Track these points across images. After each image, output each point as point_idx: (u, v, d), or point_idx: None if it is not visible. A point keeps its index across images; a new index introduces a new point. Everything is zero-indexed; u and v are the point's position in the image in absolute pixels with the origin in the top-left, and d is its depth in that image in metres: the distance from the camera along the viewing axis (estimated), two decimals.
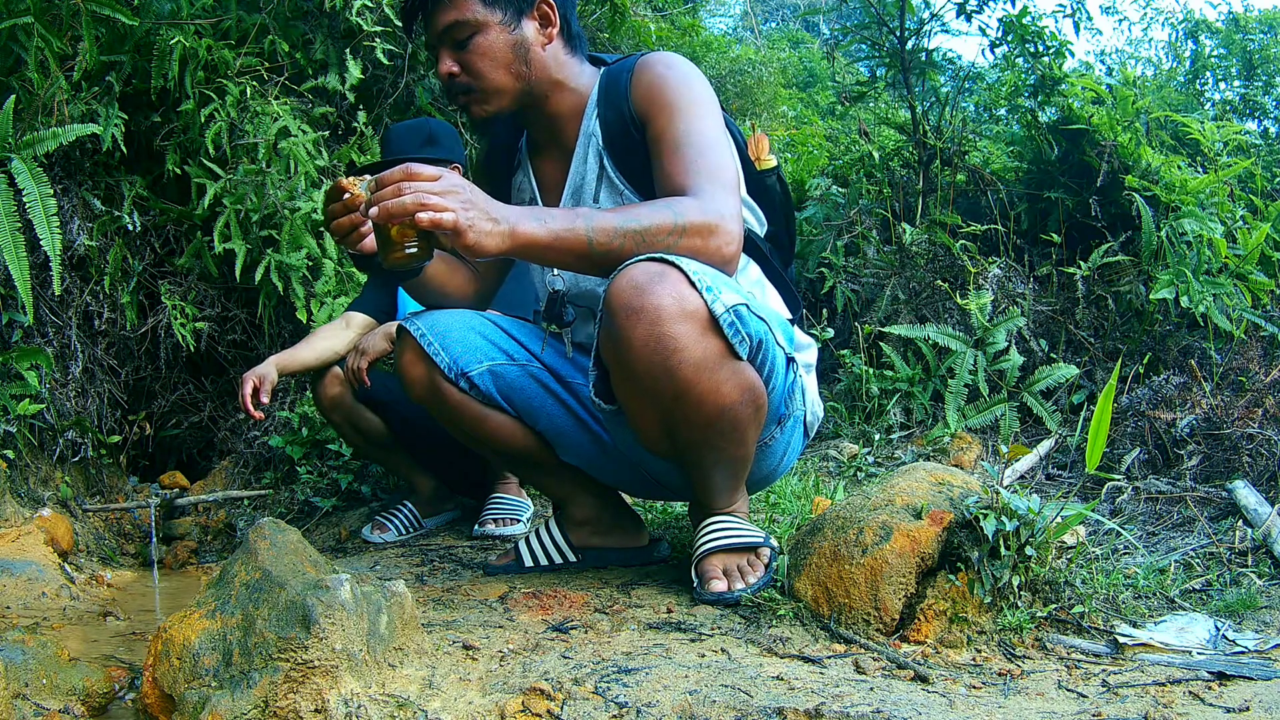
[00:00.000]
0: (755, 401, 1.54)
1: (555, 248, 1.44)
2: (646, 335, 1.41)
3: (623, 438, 1.74)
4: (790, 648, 1.41)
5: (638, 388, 1.49)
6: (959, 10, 4.10)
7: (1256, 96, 5.48)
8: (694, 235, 1.48)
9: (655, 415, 1.54)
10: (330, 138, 3.58)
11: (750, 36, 12.98)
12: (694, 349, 1.43)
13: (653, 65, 1.66)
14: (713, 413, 1.50)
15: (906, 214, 4.04)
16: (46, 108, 2.66)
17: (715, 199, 1.52)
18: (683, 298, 1.41)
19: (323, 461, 3.12)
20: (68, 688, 1.25)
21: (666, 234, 1.47)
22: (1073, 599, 1.54)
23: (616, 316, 1.43)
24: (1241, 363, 3.21)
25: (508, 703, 1.14)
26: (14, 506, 2.57)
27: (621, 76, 1.68)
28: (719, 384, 1.47)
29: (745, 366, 1.51)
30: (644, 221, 1.47)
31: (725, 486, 1.68)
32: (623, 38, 4.77)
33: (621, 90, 1.67)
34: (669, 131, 1.60)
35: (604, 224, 1.46)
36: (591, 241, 1.45)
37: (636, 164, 1.66)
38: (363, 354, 2.48)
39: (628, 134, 1.66)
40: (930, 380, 3.43)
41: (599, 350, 1.54)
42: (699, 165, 1.55)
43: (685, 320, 1.41)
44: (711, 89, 1.68)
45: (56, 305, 3.04)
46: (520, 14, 1.66)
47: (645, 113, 1.63)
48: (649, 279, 1.41)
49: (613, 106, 1.68)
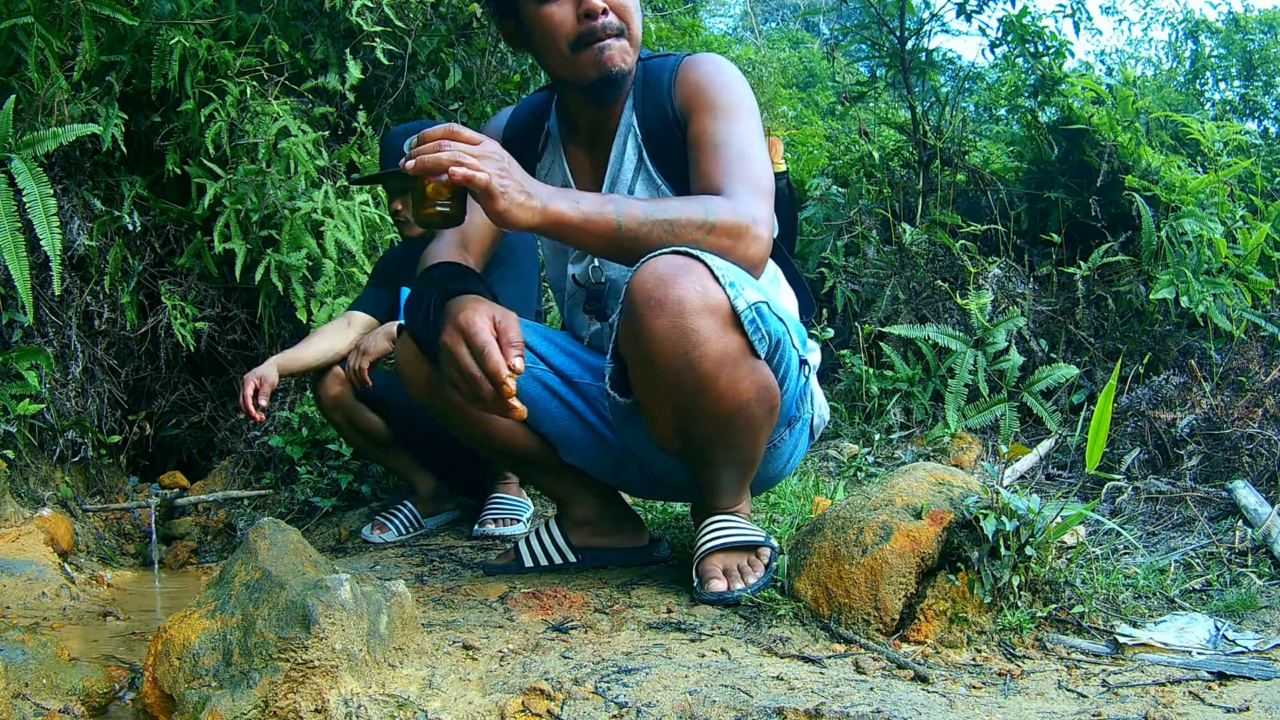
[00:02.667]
0: (770, 401, 1.54)
1: (584, 229, 1.44)
2: (669, 327, 1.40)
3: (631, 435, 1.73)
4: (790, 648, 1.41)
5: (657, 380, 1.48)
6: (959, 10, 4.11)
7: (1256, 96, 5.48)
8: (723, 235, 1.48)
9: (672, 410, 1.53)
10: (330, 138, 3.58)
11: (750, 36, 13.00)
12: (715, 343, 1.42)
13: (700, 64, 1.66)
14: (729, 409, 1.49)
15: (906, 214, 4.04)
16: (46, 108, 2.66)
17: (749, 202, 1.52)
18: (706, 292, 1.40)
19: (323, 461, 3.12)
20: (68, 688, 1.24)
21: (695, 229, 1.47)
22: (1073, 599, 1.54)
23: (639, 307, 1.42)
24: (1241, 363, 3.21)
25: (508, 703, 1.14)
26: (14, 506, 2.57)
27: (665, 73, 1.68)
28: (737, 381, 1.47)
29: (762, 365, 1.51)
30: (674, 214, 1.47)
31: (732, 486, 1.68)
32: None
33: (665, 87, 1.66)
34: (710, 131, 1.60)
35: (634, 211, 1.46)
36: (621, 226, 1.45)
37: (675, 160, 1.66)
38: (364, 354, 2.48)
39: (669, 130, 1.66)
40: (930, 380, 3.43)
41: (618, 342, 1.54)
42: (736, 168, 1.55)
43: (708, 314, 1.41)
44: (753, 96, 1.67)
45: (56, 305, 3.05)
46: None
47: (688, 111, 1.63)
48: (674, 271, 1.40)
49: (654, 102, 1.67)
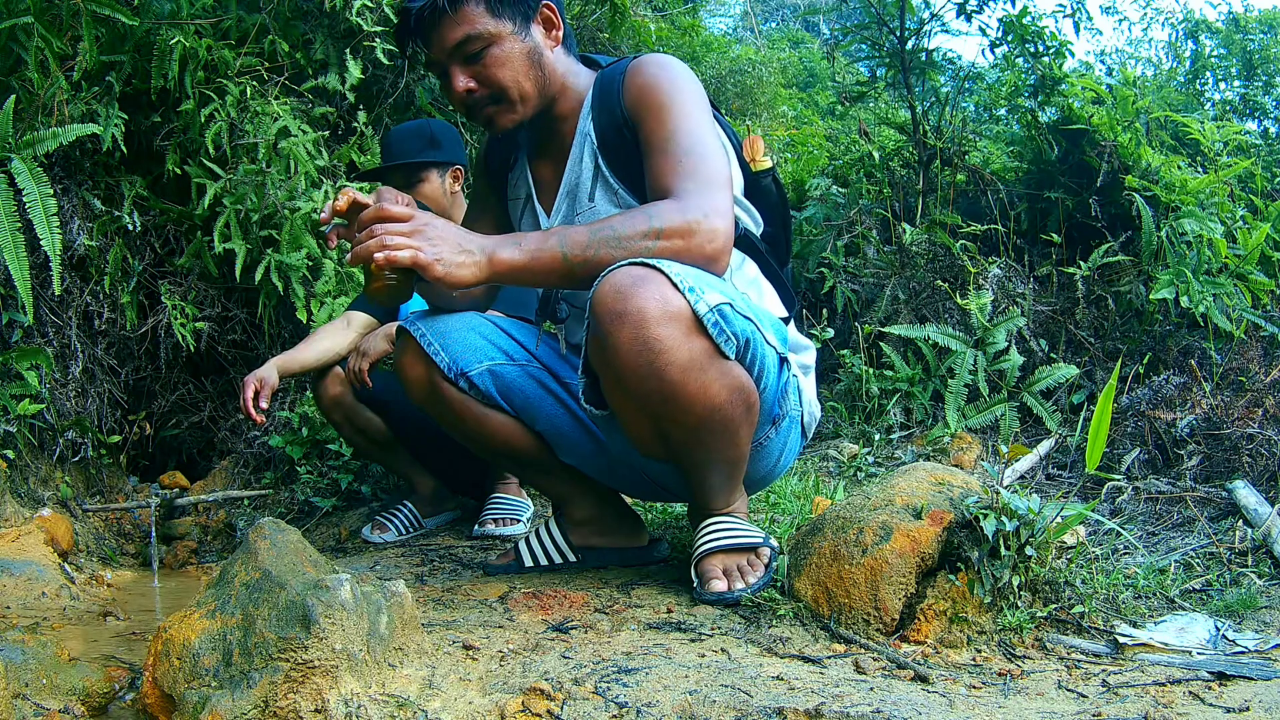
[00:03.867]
0: (746, 401, 1.55)
1: (533, 268, 1.48)
2: (631, 339, 1.42)
3: (618, 442, 1.74)
4: (790, 648, 1.41)
5: (626, 392, 1.49)
6: (959, 10, 4.11)
7: (1256, 96, 5.48)
8: (672, 237, 1.49)
9: (646, 419, 1.54)
10: (330, 138, 3.58)
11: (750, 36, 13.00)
12: (679, 350, 1.43)
13: (644, 67, 1.67)
14: (703, 413, 1.50)
15: (906, 214, 4.04)
16: (46, 108, 2.66)
17: (698, 198, 1.53)
18: (666, 300, 1.41)
19: (323, 461, 3.12)
20: (68, 688, 1.24)
21: (643, 238, 1.48)
22: (1073, 599, 1.54)
23: (601, 322, 1.44)
24: (1241, 363, 3.21)
25: (508, 703, 1.14)
26: (14, 506, 2.57)
27: (615, 79, 1.69)
28: (707, 384, 1.47)
29: (734, 366, 1.51)
30: (618, 229, 1.49)
31: (722, 487, 1.68)
32: (623, 38, 4.77)
33: (615, 93, 1.68)
34: (657, 132, 1.61)
35: (578, 238, 1.48)
36: (567, 256, 1.48)
37: (631, 165, 1.67)
38: (364, 355, 2.48)
39: (621, 136, 1.68)
40: (930, 380, 3.43)
41: (587, 357, 1.55)
42: (685, 165, 1.56)
43: (669, 322, 1.42)
44: (702, 89, 1.68)
45: (56, 305, 3.04)
46: (528, 20, 1.68)
47: (636, 115, 1.65)
48: (631, 282, 1.42)
49: (606, 109, 1.69)
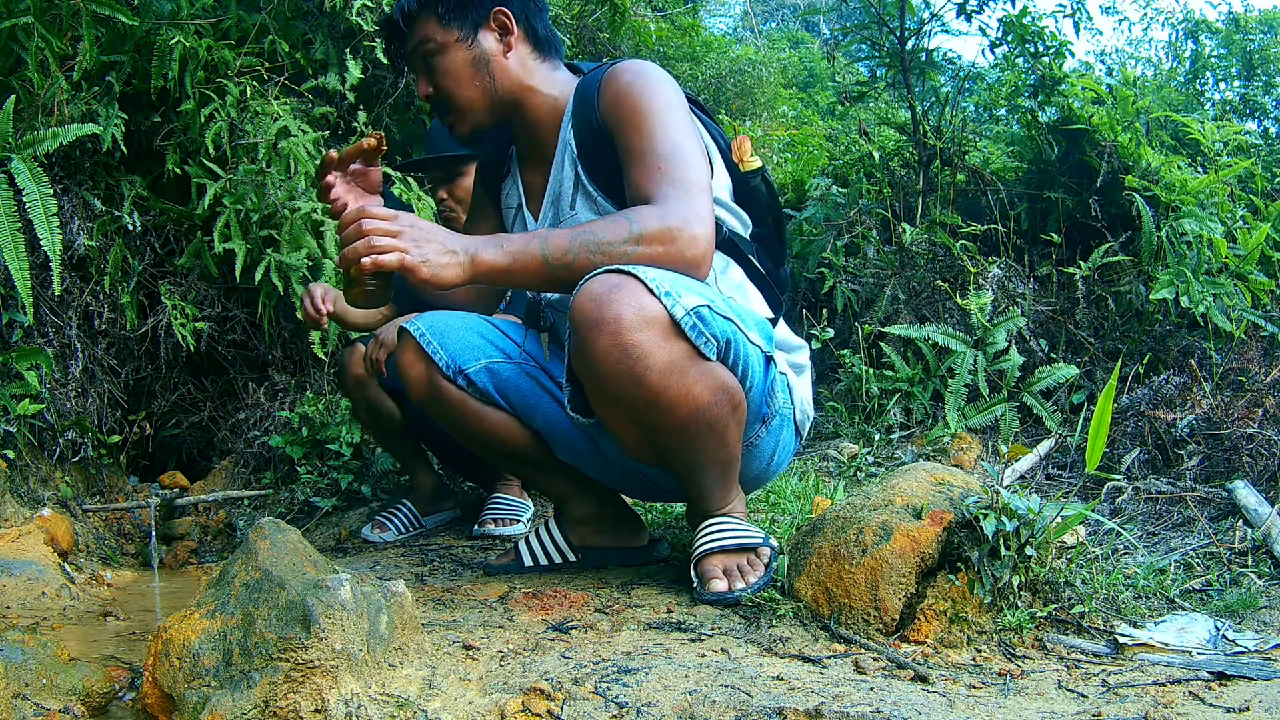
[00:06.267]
0: (731, 400, 1.55)
1: (514, 269, 1.48)
2: (609, 345, 1.42)
3: (612, 447, 1.74)
4: (790, 648, 1.41)
5: (609, 398, 1.50)
6: (959, 10, 4.11)
7: (1256, 96, 5.48)
8: (651, 243, 1.49)
9: (631, 425, 1.55)
10: (330, 138, 3.58)
11: (750, 36, 13.00)
12: (658, 355, 1.44)
13: (619, 75, 1.66)
14: (687, 415, 1.50)
15: (906, 214, 4.04)
16: (46, 108, 2.65)
17: (678, 204, 1.53)
18: (641, 306, 1.42)
19: (323, 461, 3.13)
20: (68, 688, 1.24)
21: (622, 244, 1.48)
22: (1073, 599, 1.54)
23: (580, 330, 1.44)
24: (1241, 363, 3.21)
25: (508, 703, 1.14)
26: (14, 506, 2.57)
27: (592, 88, 1.69)
28: (689, 386, 1.48)
29: (716, 367, 1.51)
30: (598, 235, 1.49)
31: (716, 488, 1.68)
32: (623, 38, 4.77)
33: (591, 101, 1.68)
34: (634, 140, 1.61)
35: (559, 241, 1.49)
36: (548, 259, 1.48)
37: (611, 174, 1.67)
38: (381, 345, 2.49)
39: (599, 144, 1.67)
40: (930, 380, 3.43)
41: (571, 365, 1.55)
42: (663, 172, 1.56)
43: (646, 327, 1.42)
44: (680, 93, 1.68)
45: (56, 305, 3.04)
46: (477, 27, 1.69)
47: (612, 123, 1.64)
48: (607, 290, 1.42)
49: (584, 117, 1.69)
